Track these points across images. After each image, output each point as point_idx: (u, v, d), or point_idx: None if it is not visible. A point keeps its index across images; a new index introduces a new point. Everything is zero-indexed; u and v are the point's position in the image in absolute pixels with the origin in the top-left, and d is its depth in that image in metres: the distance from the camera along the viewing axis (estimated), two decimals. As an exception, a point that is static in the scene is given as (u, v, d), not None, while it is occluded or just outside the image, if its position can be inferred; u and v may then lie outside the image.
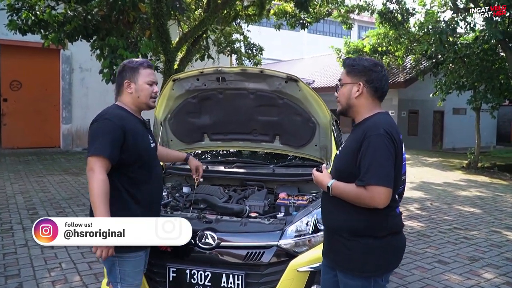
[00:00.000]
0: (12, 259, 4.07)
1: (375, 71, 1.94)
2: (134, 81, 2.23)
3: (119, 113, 2.20)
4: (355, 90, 1.95)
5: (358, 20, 32.15)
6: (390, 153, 1.82)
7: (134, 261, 2.22)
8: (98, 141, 2.07)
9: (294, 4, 9.74)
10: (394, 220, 1.96)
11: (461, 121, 19.52)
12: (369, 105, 1.97)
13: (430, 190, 8.43)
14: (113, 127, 2.11)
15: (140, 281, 2.31)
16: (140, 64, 2.25)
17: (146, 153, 2.25)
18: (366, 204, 1.82)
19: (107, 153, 2.05)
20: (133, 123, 2.22)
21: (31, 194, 6.89)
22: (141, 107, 2.29)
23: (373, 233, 1.89)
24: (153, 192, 2.32)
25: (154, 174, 2.32)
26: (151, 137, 2.36)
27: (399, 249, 2.00)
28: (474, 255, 4.58)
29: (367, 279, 1.91)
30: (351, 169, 1.88)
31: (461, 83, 11.86)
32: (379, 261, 1.90)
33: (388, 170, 1.81)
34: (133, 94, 2.24)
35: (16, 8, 7.70)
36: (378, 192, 1.77)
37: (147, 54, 7.30)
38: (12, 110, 12.21)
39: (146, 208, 2.24)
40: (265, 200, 2.92)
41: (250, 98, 3.11)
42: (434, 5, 13.03)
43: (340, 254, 1.96)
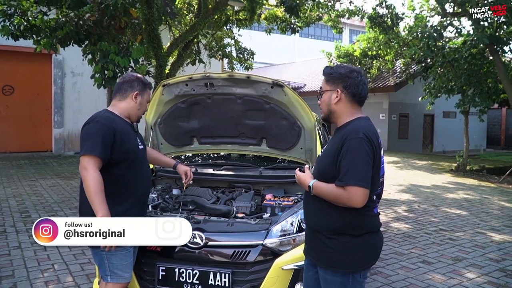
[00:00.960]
0: (6, 261, 4.13)
1: (351, 77, 2.04)
2: (141, 95, 2.52)
3: (109, 116, 2.39)
4: (334, 96, 2.06)
5: (349, 24, 32.44)
6: (368, 156, 1.92)
7: (121, 254, 2.33)
8: (90, 142, 2.24)
9: (285, 9, 9.87)
10: (371, 219, 2.05)
11: (451, 124, 19.77)
12: (349, 110, 2.07)
13: (418, 193, 8.58)
14: (104, 128, 2.29)
15: (129, 274, 2.40)
16: (148, 84, 2.58)
17: (133, 154, 2.41)
18: (345, 203, 1.91)
19: (99, 152, 2.22)
20: (122, 125, 2.41)
21: (23, 197, 6.93)
22: (132, 117, 2.52)
23: (351, 232, 1.98)
24: (140, 190, 2.46)
25: (141, 174, 2.47)
26: (140, 140, 2.54)
27: (376, 247, 2.08)
28: (458, 256, 4.71)
29: (345, 275, 2.00)
30: (331, 170, 1.98)
31: (449, 87, 12.05)
32: (357, 258, 1.99)
33: (366, 172, 1.91)
34: (136, 105, 2.50)
35: (9, 14, 7.73)
36: (356, 192, 1.87)
37: (138, 59, 7.39)
38: (4, 115, 12.21)
39: (132, 205, 2.39)
40: (252, 201, 3.03)
41: (237, 103, 3.23)
42: (423, 9, 13.25)
43: (320, 252, 2.05)
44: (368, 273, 2.18)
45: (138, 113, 2.53)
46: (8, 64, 12.16)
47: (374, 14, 12.76)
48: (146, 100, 2.56)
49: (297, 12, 9.74)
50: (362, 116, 2.08)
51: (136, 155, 2.43)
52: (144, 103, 2.54)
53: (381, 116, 18.46)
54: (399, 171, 11.84)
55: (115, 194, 2.33)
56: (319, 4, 11.81)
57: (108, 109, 2.48)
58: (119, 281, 2.35)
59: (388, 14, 12.83)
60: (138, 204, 2.46)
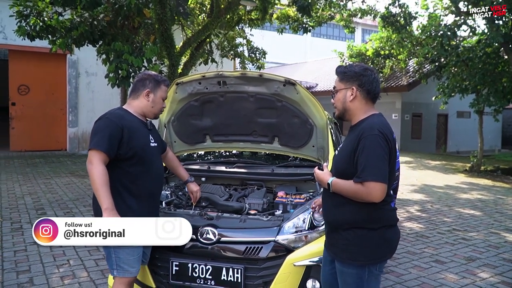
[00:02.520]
0: (22, 256, 4.22)
1: (366, 75, 2.11)
2: (154, 93, 2.52)
3: (119, 113, 2.45)
4: (349, 94, 2.12)
5: (361, 24, 32.26)
6: (384, 152, 1.97)
7: (128, 249, 2.35)
8: (97, 137, 2.30)
9: (297, 8, 9.87)
10: (389, 213, 2.12)
11: (466, 124, 19.53)
12: (363, 107, 2.13)
13: (431, 193, 8.51)
14: (112, 125, 2.34)
15: (136, 269, 2.42)
16: (163, 81, 2.57)
17: (143, 151, 2.42)
18: (364, 199, 1.97)
19: (104, 148, 2.26)
20: (132, 122, 2.44)
21: (39, 195, 7.05)
22: (148, 115, 2.56)
23: (369, 225, 2.04)
24: (150, 187, 2.47)
25: (151, 171, 2.47)
26: (154, 137, 2.56)
27: (392, 241, 2.14)
28: (471, 255, 4.67)
29: (362, 267, 2.06)
30: (348, 167, 2.04)
31: (463, 86, 11.91)
32: (373, 251, 2.06)
33: (383, 167, 1.96)
34: (149, 103, 2.52)
35: (25, 15, 7.87)
36: (374, 187, 1.93)
37: (151, 58, 7.47)
38: (20, 114, 12.41)
39: (141, 201, 2.42)
40: (264, 198, 3.05)
41: (250, 101, 3.25)
42: (437, 8, 13.11)
43: (338, 245, 2.12)
44: (384, 267, 2.22)
45: (153, 111, 2.54)
46: (23, 64, 12.35)
47: (387, 13, 12.66)
48: (160, 97, 2.55)
49: (309, 11, 9.73)
50: (375, 113, 2.14)
51: (144, 153, 2.44)
52: (157, 101, 2.54)
53: (394, 116, 18.33)
54: (411, 171, 11.75)
55: (123, 190, 2.37)
56: (331, 3, 11.78)
57: (123, 107, 2.54)
58: (125, 275, 2.38)
59: (401, 13, 12.72)
60: (147, 201, 2.47)
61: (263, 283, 2.57)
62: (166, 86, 2.59)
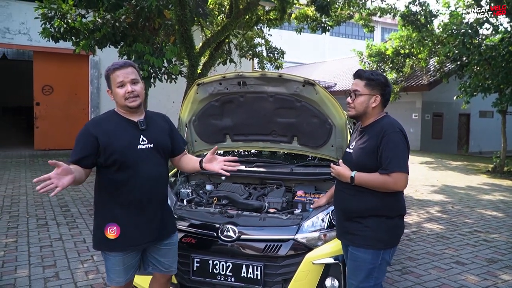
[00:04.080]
0: (48, 251, 4.36)
1: (388, 85, 2.33)
2: (111, 88, 2.28)
3: (99, 119, 2.31)
4: (372, 101, 2.31)
5: (381, 22, 31.96)
6: (405, 146, 2.23)
7: (113, 259, 2.27)
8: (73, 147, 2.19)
9: (315, 8, 9.86)
10: (403, 203, 2.35)
11: (488, 124, 19.14)
12: (378, 111, 2.36)
13: (452, 194, 8.39)
14: (85, 133, 2.19)
15: (120, 280, 2.30)
16: (109, 70, 2.25)
17: (123, 155, 2.19)
18: (390, 188, 2.19)
19: (71, 159, 2.13)
20: (111, 126, 2.24)
21: (63, 192, 7.23)
22: (125, 110, 2.29)
23: (387, 213, 2.26)
24: (136, 194, 2.23)
25: (138, 176, 2.23)
26: (147, 138, 2.28)
27: (402, 230, 2.37)
28: (493, 257, 4.61)
29: (377, 254, 2.25)
30: (370, 162, 2.24)
31: (486, 86, 11.69)
32: (388, 237, 2.27)
33: (405, 159, 2.21)
34: (114, 99, 2.28)
35: (49, 17, 8.08)
36: (400, 177, 2.17)
37: (171, 59, 7.59)
38: (44, 114, 12.74)
39: (128, 210, 2.24)
40: (283, 197, 3.10)
41: (269, 101, 3.29)
42: (459, 6, 12.89)
43: (357, 231, 2.28)
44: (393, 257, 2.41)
45: (120, 103, 2.26)
46: (47, 65, 12.67)
47: (407, 12, 12.51)
48: (115, 86, 2.23)
49: (327, 11, 9.70)
50: (386, 114, 2.38)
51: (126, 157, 2.20)
52: (115, 92, 2.24)
53: (414, 116, 18.10)
54: (432, 171, 11.60)
55: (108, 199, 2.25)
56: (350, 2, 11.71)
57: (115, 109, 2.36)
58: (111, 284, 2.33)
59: (422, 12, 12.55)
60: (135, 210, 2.24)
61: (282, 281, 2.62)
62: (115, 70, 2.23)
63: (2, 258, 4.16)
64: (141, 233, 2.27)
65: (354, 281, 2.29)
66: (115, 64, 2.26)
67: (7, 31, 11.98)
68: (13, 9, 11.93)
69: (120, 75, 2.22)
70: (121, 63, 2.27)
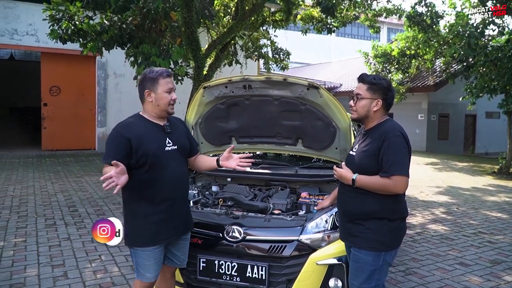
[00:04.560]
0: (57, 251, 4.44)
1: (391, 90, 2.35)
2: (153, 91, 2.41)
3: (129, 122, 2.43)
4: (374, 105, 2.36)
5: (387, 22, 31.89)
6: (406, 150, 2.28)
7: (144, 254, 2.41)
8: (106, 150, 2.34)
9: (321, 9, 9.90)
10: (404, 205, 2.41)
11: (495, 124, 19.07)
12: (381, 115, 2.40)
13: (457, 195, 8.40)
14: (118, 136, 2.34)
15: (152, 275, 2.44)
16: (160, 74, 2.41)
17: (155, 157, 2.36)
18: (391, 191, 2.23)
19: (107, 161, 2.25)
20: (142, 130, 2.40)
21: (70, 193, 7.34)
22: (161, 114, 2.46)
23: (388, 216, 2.30)
24: (165, 192, 2.40)
25: (166, 175, 2.40)
26: (171, 141, 2.47)
27: (403, 232, 2.42)
28: (497, 258, 4.63)
29: (378, 256, 2.30)
30: (371, 165, 2.28)
31: (492, 87, 11.66)
32: (390, 239, 2.31)
33: (406, 163, 2.26)
34: (153, 103, 2.42)
35: (57, 19, 8.18)
36: (401, 180, 2.21)
37: (178, 60, 7.66)
38: (52, 114, 12.88)
39: (158, 207, 2.39)
40: (288, 198, 3.15)
41: (274, 104, 3.35)
42: (465, 7, 12.86)
43: (359, 235, 2.33)
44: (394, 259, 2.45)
45: (161, 108, 2.43)
46: (55, 66, 12.81)
47: (413, 12, 12.50)
48: (162, 91, 2.40)
49: (333, 12, 9.76)
50: (389, 118, 2.42)
51: (157, 158, 2.38)
52: (161, 96, 2.41)
53: (420, 117, 18.07)
54: (437, 173, 11.59)
55: (139, 198, 2.39)
56: (356, 3, 11.73)
57: (140, 112, 2.52)
58: (142, 280, 2.44)
59: (428, 13, 12.53)
60: (164, 207, 2.41)
61: (286, 281, 2.67)
62: (165, 77, 2.42)
63: (12, 258, 4.24)
64: (170, 227, 2.45)
65: (355, 281, 2.34)
66: (165, 71, 2.44)
67: (15, 32, 12.12)
68: (21, 11, 12.07)
69: (170, 83, 2.45)
70: (169, 72, 2.47)
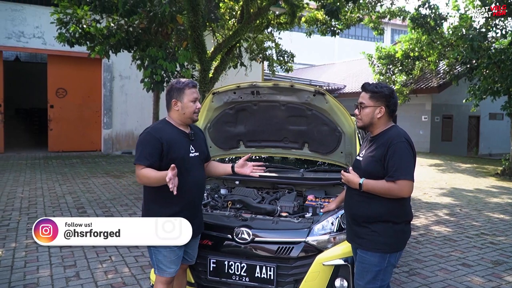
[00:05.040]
0: (68, 252, 4.54)
1: (393, 97, 2.44)
2: (180, 100, 2.60)
3: (159, 127, 2.62)
4: (377, 112, 2.45)
5: (391, 24, 31.86)
6: (411, 155, 2.37)
7: (165, 251, 2.54)
8: (139, 151, 2.52)
9: (325, 12, 9.98)
10: (409, 209, 2.49)
11: (498, 126, 19.09)
12: (385, 122, 2.49)
13: (460, 197, 8.47)
14: (151, 139, 2.52)
15: (173, 270, 2.58)
16: (186, 85, 2.61)
17: (180, 161, 2.51)
18: (396, 195, 2.32)
19: (146, 163, 2.46)
20: (171, 135, 2.57)
21: (78, 194, 7.46)
22: (186, 121, 2.65)
23: (393, 219, 2.39)
24: (187, 196, 2.56)
25: (190, 179, 2.57)
26: (194, 147, 2.67)
27: (408, 235, 2.50)
28: (499, 259, 4.71)
29: (383, 256, 2.39)
30: (377, 170, 2.38)
31: (495, 89, 11.72)
32: (395, 241, 2.41)
33: (411, 168, 2.35)
34: (180, 111, 2.61)
35: (64, 22, 8.32)
36: (406, 185, 2.30)
37: (184, 63, 7.77)
38: (58, 116, 13.03)
39: (180, 209, 2.54)
40: (295, 201, 3.24)
41: (281, 110, 3.46)
42: (468, 9, 12.91)
43: (366, 236, 2.42)
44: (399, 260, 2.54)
45: (186, 116, 2.60)
46: (61, 68, 12.96)
47: (417, 15, 12.56)
48: (188, 101, 2.58)
49: (337, 15, 9.81)
50: (394, 124, 2.51)
51: (183, 162, 2.53)
52: (187, 105, 2.58)
53: (423, 118, 18.12)
54: (441, 174, 11.65)
55: (163, 198, 2.52)
56: (360, 6, 11.81)
57: (166, 119, 2.70)
58: (163, 275, 2.59)
59: (432, 15, 12.59)
60: (186, 209, 2.56)
61: (294, 281, 2.77)
62: (191, 87, 2.60)
63: (24, 258, 4.36)
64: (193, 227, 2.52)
65: (361, 282, 2.44)
66: (190, 82, 2.63)
67: (22, 35, 12.28)
68: (27, 13, 12.23)
69: (195, 93, 2.63)
70: (194, 83, 2.66)
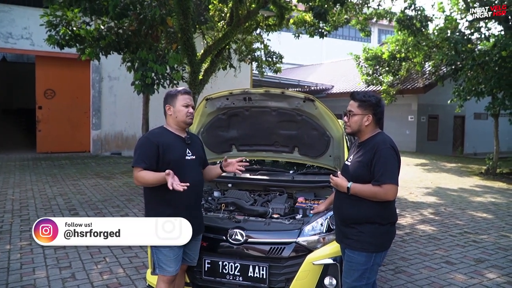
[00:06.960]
0: (62, 253, 4.61)
1: (380, 105, 2.60)
2: (173, 105, 2.77)
3: (157, 132, 2.78)
4: (365, 120, 2.59)
5: (378, 24, 32.17)
6: (395, 160, 2.52)
7: (165, 251, 2.66)
8: (136, 154, 2.68)
9: (313, 15, 10.15)
10: (394, 212, 2.64)
11: (483, 125, 19.46)
12: (373, 129, 2.63)
13: (445, 196, 8.70)
14: (148, 142, 2.68)
15: (173, 269, 2.67)
16: (179, 92, 2.80)
17: (177, 163, 2.65)
18: (381, 198, 2.46)
19: (143, 165, 2.61)
20: (168, 139, 2.72)
21: (69, 196, 7.49)
22: (180, 125, 2.80)
23: (379, 221, 2.53)
24: (184, 198, 2.62)
25: (187, 181, 2.56)
26: (191, 151, 2.79)
27: (393, 235, 2.66)
28: (481, 257, 4.91)
29: (369, 257, 2.53)
30: (364, 174, 2.51)
31: (479, 90, 11.99)
32: (380, 242, 2.55)
33: (396, 172, 2.51)
34: (172, 115, 2.78)
35: (54, 24, 8.32)
36: (390, 188, 2.45)
37: (174, 66, 7.83)
38: (46, 117, 12.97)
39: (177, 210, 2.64)
40: (286, 203, 3.38)
41: (272, 115, 3.59)
42: (453, 10, 13.19)
43: (353, 236, 2.56)
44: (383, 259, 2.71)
45: (179, 119, 2.75)
46: (50, 69, 12.92)
47: (403, 16, 12.80)
48: (180, 105, 2.74)
49: (325, 18, 10.01)
50: (381, 131, 2.66)
51: (179, 165, 2.65)
52: (178, 109, 2.74)
53: (410, 118, 18.44)
54: (426, 173, 11.91)
55: (162, 199, 2.65)
56: (347, 7, 12.00)
57: (164, 125, 2.86)
58: (164, 274, 2.70)
59: (418, 17, 12.84)
60: (184, 210, 2.65)
61: (285, 280, 2.90)
62: (183, 94, 2.77)
63: (19, 260, 4.42)
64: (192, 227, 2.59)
65: (348, 279, 2.58)
66: (183, 89, 2.83)
67: (9, 36, 12.21)
68: (16, 14, 12.16)
69: (187, 98, 2.79)
70: (187, 90, 2.85)
